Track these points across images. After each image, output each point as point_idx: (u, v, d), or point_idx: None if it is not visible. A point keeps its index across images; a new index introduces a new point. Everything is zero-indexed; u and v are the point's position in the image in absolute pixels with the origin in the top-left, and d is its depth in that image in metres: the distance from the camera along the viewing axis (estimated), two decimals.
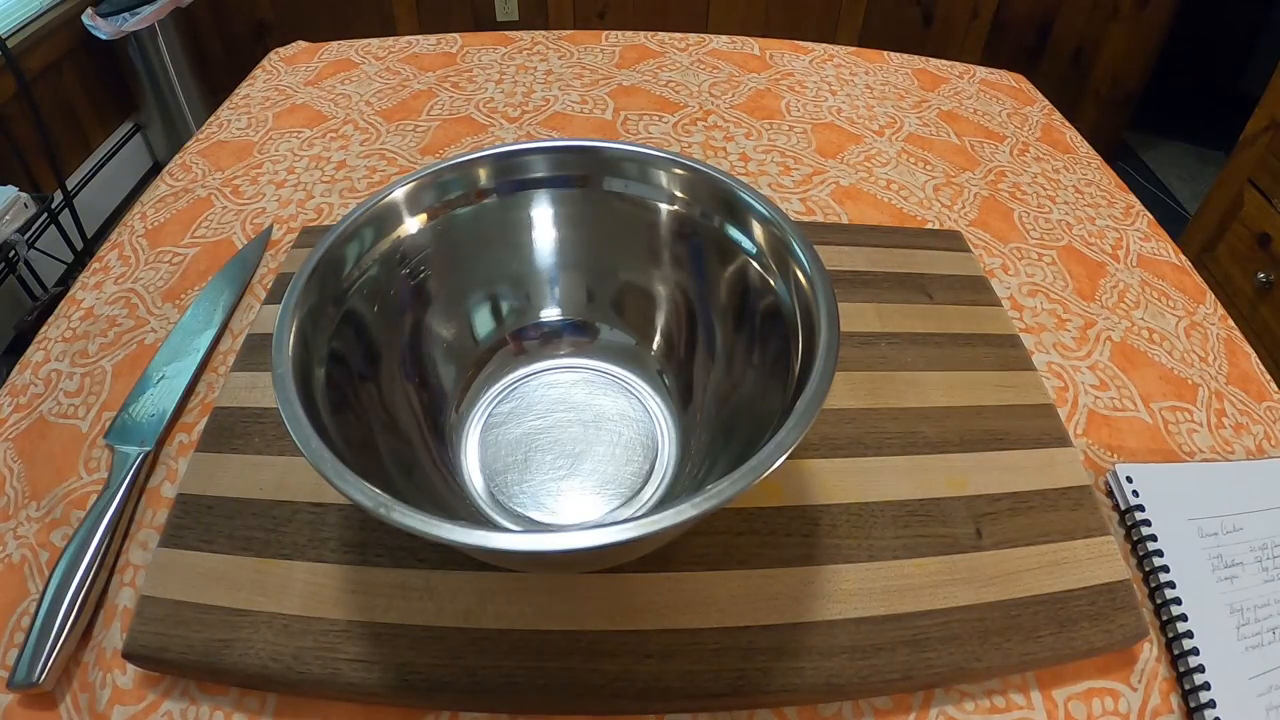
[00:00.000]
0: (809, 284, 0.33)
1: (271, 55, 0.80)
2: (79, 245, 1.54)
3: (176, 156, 0.65)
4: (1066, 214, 0.61)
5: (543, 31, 0.84)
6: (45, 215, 1.38)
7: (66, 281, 1.50)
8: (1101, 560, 0.37)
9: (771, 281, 0.36)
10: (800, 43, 0.84)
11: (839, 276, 0.51)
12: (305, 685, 0.32)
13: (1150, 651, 0.36)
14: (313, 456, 0.26)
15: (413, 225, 0.38)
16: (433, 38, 0.82)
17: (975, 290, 0.51)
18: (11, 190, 1.28)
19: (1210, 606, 0.36)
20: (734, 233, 0.38)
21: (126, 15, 1.66)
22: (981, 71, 0.81)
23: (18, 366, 0.47)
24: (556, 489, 0.38)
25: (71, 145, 1.70)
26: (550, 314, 0.43)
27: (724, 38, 0.84)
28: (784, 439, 0.26)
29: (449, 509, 0.35)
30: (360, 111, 0.70)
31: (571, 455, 0.40)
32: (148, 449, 0.41)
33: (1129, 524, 0.40)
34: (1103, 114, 2.04)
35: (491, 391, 0.42)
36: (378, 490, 0.25)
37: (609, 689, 0.32)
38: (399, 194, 0.37)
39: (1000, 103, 0.75)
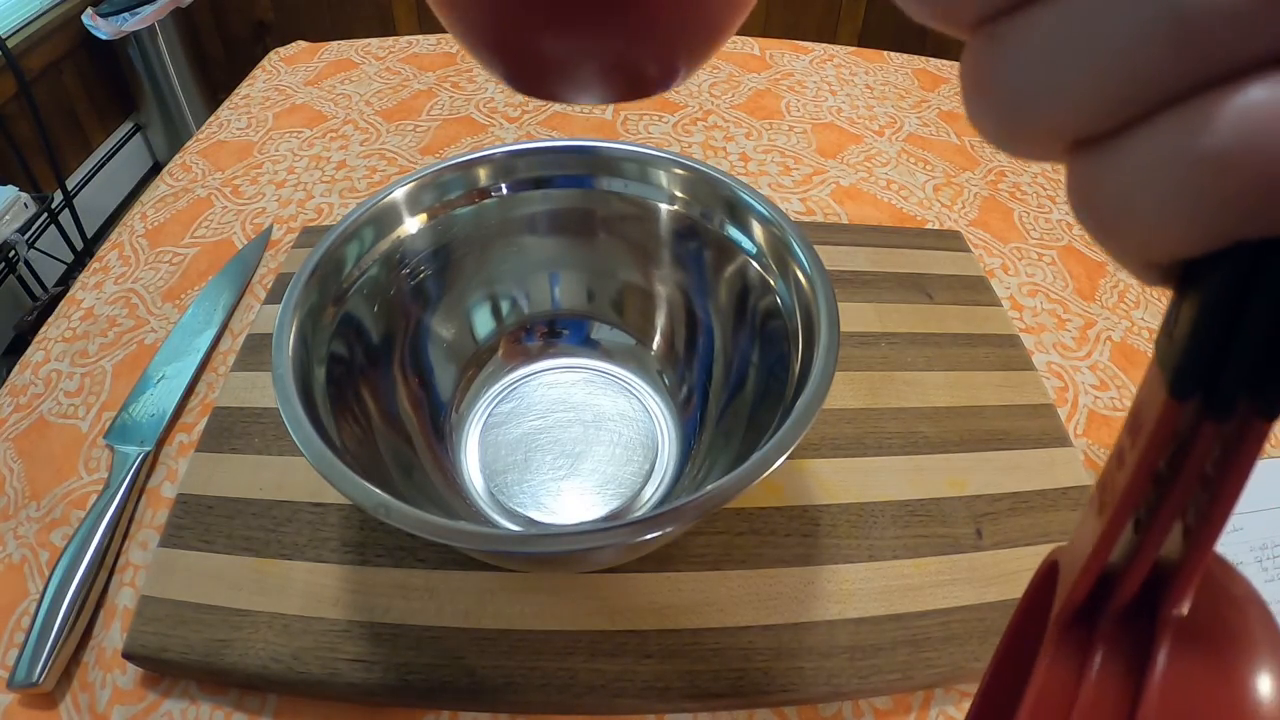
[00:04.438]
0: (809, 284, 0.33)
1: (271, 55, 0.80)
2: (79, 245, 1.54)
3: (176, 156, 0.65)
4: (1066, 214, 0.61)
5: None
6: (45, 215, 1.39)
7: (66, 281, 1.50)
8: None
9: (771, 281, 0.36)
10: (800, 43, 0.84)
11: (839, 276, 0.51)
12: (305, 685, 0.32)
13: None
14: (313, 456, 0.26)
15: (413, 225, 0.38)
16: (433, 38, 0.82)
17: (975, 290, 0.51)
18: (11, 190, 1.28)
19: None
20: (734, 233, 0.37)
21: (126, 15, 1.66)
22: None
23: (18, 366, 0.47)
24: (556, 489, 0.38)
25: (71, 145, 1.70)
26: (550, 314, 0.43)
27: None
28: (784, 439, 0.26)
29: (449, 509, 0.35)
30: (360, 111, 0.70)
31: (571, 455, 0.40)
32: (148, 449, 0.41)
33: None
34: None
35: (491, 391, 0.42)
36: (377, 490, 0.25)
37: (609, 689, 0.32)
38: (399, 194, 0.37)
39: None
